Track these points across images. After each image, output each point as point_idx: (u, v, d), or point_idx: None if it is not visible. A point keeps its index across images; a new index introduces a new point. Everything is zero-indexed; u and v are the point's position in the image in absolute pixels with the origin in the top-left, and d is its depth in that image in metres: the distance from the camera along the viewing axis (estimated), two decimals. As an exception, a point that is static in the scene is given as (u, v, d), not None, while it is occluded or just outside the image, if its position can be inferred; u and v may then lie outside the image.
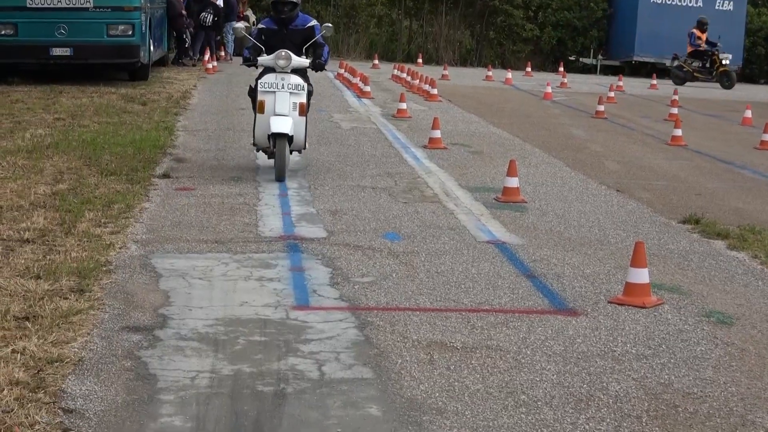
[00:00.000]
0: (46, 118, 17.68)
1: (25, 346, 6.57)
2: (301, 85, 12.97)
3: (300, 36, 13.32)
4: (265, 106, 12.85)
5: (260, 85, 12.95)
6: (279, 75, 12.92)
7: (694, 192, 14.08)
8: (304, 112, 13.01)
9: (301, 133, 13.06)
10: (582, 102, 27.37)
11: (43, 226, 9.85)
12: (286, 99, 12.87)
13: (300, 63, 13.08)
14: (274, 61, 12.92)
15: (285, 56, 12.88)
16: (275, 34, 13.26)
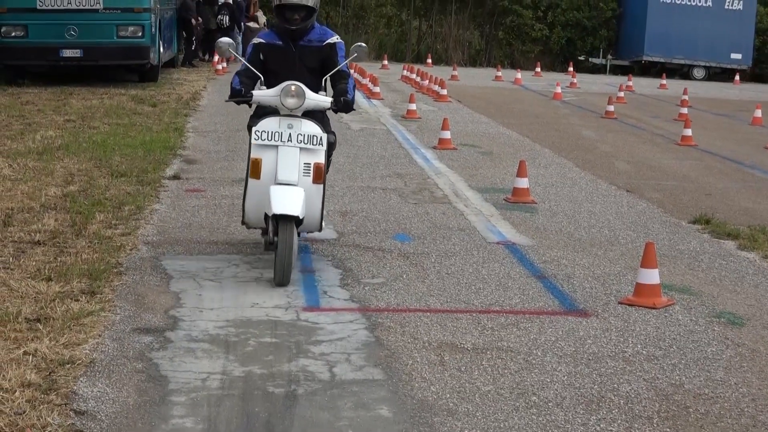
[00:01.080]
0: (56, 119, 17.72)
1: (37, 347, 6.58)
2: (318, 136, 8.52)
3: (316, 57, 9.00)
4: (262, 169, 8.49)
5: (255, 136, 8.51)
6: (285, 120, 8.53)
7: (704, 192, 14.06)
8: (321, 178, 8.60)
9: (317, 210, 8.64)
10: (592, 102, 27.35)
11: (54, 227, 9.87)
12: (295, 158, 8.49)
13: (317, 102, 8.70)
14: (279, 99, 8.54)
15: (295, 91, 8.51)
16: (280, 53, 8.95)
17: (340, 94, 8.88)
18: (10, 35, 22.48)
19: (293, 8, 8.82)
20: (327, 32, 9.19)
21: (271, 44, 9.02)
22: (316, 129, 8.59)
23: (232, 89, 8.82)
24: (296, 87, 8.53)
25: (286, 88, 8.54)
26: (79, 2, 22.49)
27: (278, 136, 8.50)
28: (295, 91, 8.54)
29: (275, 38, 9.04)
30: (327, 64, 9.02)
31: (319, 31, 9.12)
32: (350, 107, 8.92)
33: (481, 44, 45.51)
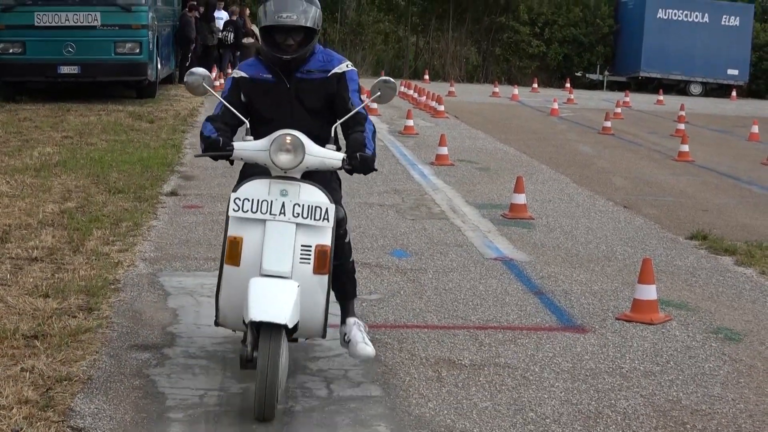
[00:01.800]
0: (54, 136, 17.73)
1: (34, 364, 6.57)
2: (323, 207, 6.18)
3: (319, 94, 6.65)
4: (243, 252, 6.18)
5: (235, 205, 6.19)
6: (277, 184, 6.22)
7: (701, 208, 14.08)
8: (325, 267, 6.21)
9: (318, 312, 6.24)
10: (589, 118, 27.39)
11: (52, 244, 9.87)
12: (289, 238, 6.16)
13: (322, 160, 6.33)
14: (268, 154, 6.21)
15: (291, 144, 6.18)
16: (269, 91, 6.63)
17: (354, 147, 6.40)
18: (8, 52, 22.52)
19: (286, 30, 6.37)
20: (332, 57, 6.72)
21: (256, 79, 6.58)
22: (321, 197, 6.16)
23: (204, 139, 6.35)
24: (292, 138, 6.11)
25: (278, 139, 6.12)
26: (77, 19, 22.54)
27: (267, 207, 6.09)
28: (291, 143, 6.11)
29: (262, 70, 6.61)
30: (335, 102, 6.62)
31: (321, 56, 6.64)
32: (370, 166, 6.34)
33: (478, 60, 45.59)
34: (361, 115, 6.57)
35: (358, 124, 6.56)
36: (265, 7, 6.46)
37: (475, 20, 44.63)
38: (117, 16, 22.86)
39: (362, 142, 6.45)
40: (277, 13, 6.37)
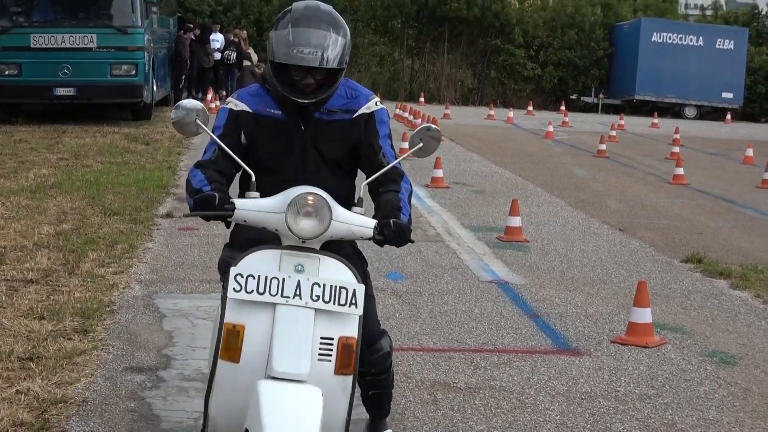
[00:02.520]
0: (49, 157, 17.74)
1: (29, 386, 6.56)
2: (349, 288, 4.73)
3: (342, 139, 5.25)
4: (245, 346, 4.71)
5: (236, 284, 4.70)
6: (290, 257, 4.79)
7: (696, 231, 14.09)
8: (350, 367, 4.76)
9: (338, 424, 4.83)
10: (583, 141, 27.43)
11: (47, 266, 9.86)
12: (307, 329, 4.69)
13: (350, 228, 4.87)
14: (284, 218, 4.73)
15: (314, 206, 4.72)
16: (278, 132, 5.21)
17: (387, 211, 5.01)
18: (4, 73, 22.58)
19: (306, 69, 4.95)
20: (358, 92, 5.27)
21: (261, 115, 5.16)
22: (347, 274, 4.78)
23: (193, 193, 4.91)
24: (315, 198, 4.67)
25: (298, 200, 4.66)
26: (73, 41, 22.61)
27: (277, 286, 4.66)
28: (314, 205, 4.68)
29: (269, 104, 5.16)
30: (361, 151, 5.23)
31: (344, 91, 5.22)
32: (406, 236, 4.96)
33: (473, 83, 45.67)
34: (395, 171, 5.16)
35: (391, 182, 5.16)
36: (278, 36, 4.92)
37: (470, 43, 44.73)
38: (113, 39, 22.93)
39: (396, 205, 5.06)
40: (296, 47, 4.85)
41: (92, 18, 23.48)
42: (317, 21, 4.91)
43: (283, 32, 4.91)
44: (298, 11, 4.98)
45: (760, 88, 45.19)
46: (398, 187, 5.16)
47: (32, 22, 23.15)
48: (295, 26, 4.88)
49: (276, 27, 4.98)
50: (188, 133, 5.08)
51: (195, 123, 5.03)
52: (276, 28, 4.98)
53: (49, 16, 23.49)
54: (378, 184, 5.13)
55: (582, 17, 44.91)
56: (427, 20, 44.21)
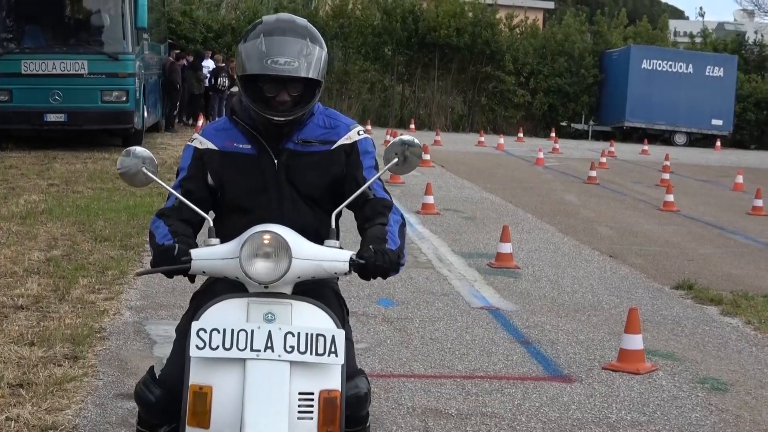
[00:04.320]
0: (40, 183, 17.72)
1: (19, 413, 6.54)
2: (326, 335, 4.23)
3: (319, 173, 4.74)
4: (213, 409, 4.20)
5: (198, 340, 4.21)
6: (258, 304, 4.30)
7: (686, 257, 14.11)
8: (334, 424, 4.24)
9: None
10: (574, 167, 27.48)
11: (37, 292, 9.84)
12: (281, 384, 4.17)
13: (319, 263, 4.36)
14: (240, 263, 4.26)
15: (271, 244, 4.24)
16: (248, 167, 4.71)
17: (373, 240, 4.51)
18: (-5, 100, 22.56)
19: (281, 81, 4.48)
20: (338, 121, 4.80)
21: (228, 152, 4.69)
22: (324, 320, 4.31)
23: (155, 246, 4.52)
24: (272, 237, 4.21)
25: (251, 240, 4.21)
26: (64, 67, 22.61)
27: (246, 340, 4.18)
28: (270, 244, 4.21)
29: (236, 137, 4.71)
30: (344, 186, 4.72)
31: (322, 119, 4.75)
32: (390, 262, 4.39)
33: (463, 110, 45.77)
34: (382, 203, 4.67)
35: (378, 216, 4.63)
36: (249, 47, 4.48)
37: (460, 70, 44.85)
38: (104, 65, 22.93)
39: (382, 236, 4.50)
40: (269, 57, 4.39)
41: (83, 44, 23.49)
42: (292, 31, 4.49)
43: (255, 42, 4.45)
44: (270, 22, 4.58)
45: (750, 115, 45.35)
46: (385, 219, 4.61)
47: (23, 48, 23.15)
48: (269, 35, 4.44)
49: (245, 39, 4.52)
50: (138, 183, 4.63)
51: (143, 173, 4.59)
52: (245, 40, 4.52)
53: (40, 42, 23.51)
54: (364, 220, 4.67)
55: (572, 44, 45.09)
56: (418, 47, 44.32)
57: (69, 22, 24.73)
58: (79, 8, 24.80)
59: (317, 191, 4.70)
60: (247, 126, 4.68)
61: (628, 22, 50.05)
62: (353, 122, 4.83)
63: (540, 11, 58.48)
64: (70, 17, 24.84)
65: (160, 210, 4.68)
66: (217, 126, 4.79)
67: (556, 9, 63.67)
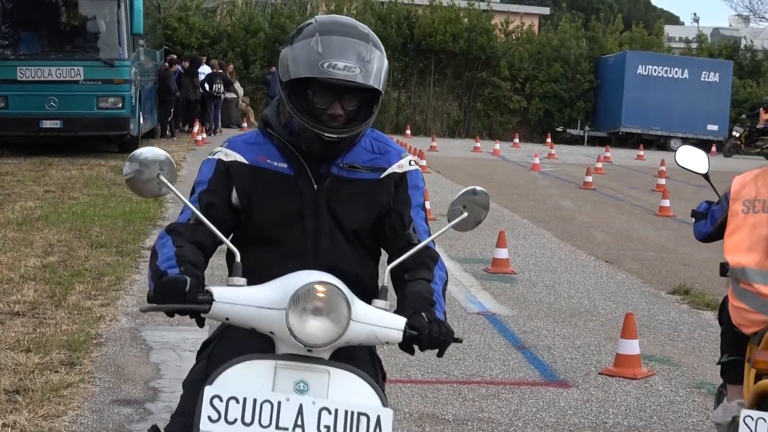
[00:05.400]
0: (35, 190, 17.71)
1: (16, 419, 6.53)
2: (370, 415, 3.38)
3: (366, 206, 4.00)
4: None
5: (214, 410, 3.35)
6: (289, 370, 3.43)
7: (682, 263, 14.12)
8: None
9: None
10: (570, 173, 27.49)
11: (34, 298, 9.83)
12: None
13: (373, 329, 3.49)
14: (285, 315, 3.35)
15: (326, 299, 3.34)
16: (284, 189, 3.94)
17: (417, 304, 3.74)
18: (-10, 106, 22.55)
19: (338, 90, 3.78)
20: (388, 146, 4.13)
21: (261, 168, 3.96)
22: (367, 394, 3.50)
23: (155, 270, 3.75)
24: (329, 291, 3.37)
25: (305, 291, 3.36)
26: (60, 73, 22.61)
27: (271, 414, 3.38)
28: (328, 299, 3.37)
29: (271, 153, 3.98)
30: (386, 222, 4.04)
31: (369, 142, 4.08)
32: (447, 337, 3.65)
33: (459, 115, 45.77)
34: (427, 253, 3.97)
35: (422, 267, 3.93)
36: (299, 49, 3.77)
37: (456, 76, 44.85)
38: (100, 71, 22.93)
39: (428, 297, 3.80)
40: (325, 59, 3.69)
41: (79, 51, 23.48)
42: (354, 31, 3.81)
43: (308, 42, 3.74)
44: (327, 21, 3.87)
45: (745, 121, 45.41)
46: (430, 274, 3.92)
47: (19, 54, 23.14)
48: (326, 34, 3.75)
49: (292, 41, 3.82)
50: (149, 193, 3.71)
51: (157, 180, 3.66)
52: (292, 42, 3.82)
53: (35, 49, 23.50)
54: (404, 269, 3.85)
55: (567, 50, 45.11)
56: (414, 53, 44.33)
57: (65, 28, 24.72)
58: (75, 14, 24.78)
59: (361, 225, 3.97)
60: (285, 141, 3.94)
61: (624, 28, 50.09)
62: (404, 150, 4.15)
63: (535, 17, 58.53)
64: (66, 23, 24.83)
65: (171, 225, 3.88)
66: (246, 138, 4.04)
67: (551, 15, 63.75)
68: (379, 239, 4.06)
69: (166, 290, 3.51)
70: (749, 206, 5.47)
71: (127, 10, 23.39)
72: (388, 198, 4.00)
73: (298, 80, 3.76)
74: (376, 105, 3.89)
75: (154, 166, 3.66)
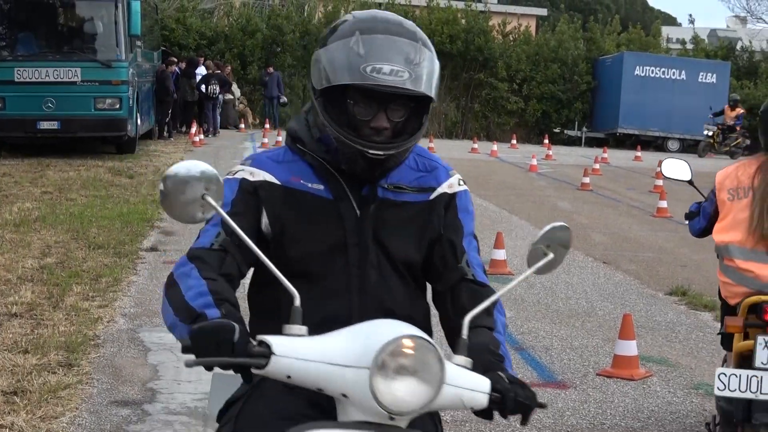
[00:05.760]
0: (33, 191, 17.70)
1: (14, 421, 6.53)
2: None
3: (417, 233, 3.40)
4: None
5: None
6: None
7: (680, 264, 14.13)
8: None
9: None
10: (567, 174, 27.50)
11: (31, 300, 9.83)
12: None
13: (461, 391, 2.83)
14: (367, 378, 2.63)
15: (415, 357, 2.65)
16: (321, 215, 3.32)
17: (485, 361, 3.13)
18: (-12, 107, 22.54)
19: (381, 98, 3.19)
20: (434, 162, 3.53)
21: (293, 190, 3.36)
22: None
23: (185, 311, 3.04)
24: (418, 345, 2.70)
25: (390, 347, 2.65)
26: (57, 74, 22.59)
27: None
28: (418, 355, 2.68)
29: (304, 172, 3.39)
30: (436, 250, 3.46)
31: (415, 160, 3.48)
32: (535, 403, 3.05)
33: (457, 116, 45.76)
34: (486, 293, 3.36)
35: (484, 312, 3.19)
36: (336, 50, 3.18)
37: (453, 77, 44.85)
38: (97, 72, 22.92)
39: (495, 351, 3.22)
40: (368, 62, 3.10)
41: (76, 52, 23.47)
42: (400, 29, 3.22)
43: (347, 42, 3.16)
44: (367, 18, 3.27)
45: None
46: (491, 320, 3.32)
47: (16, 55, 23.13)
48: (368, 33, 3.16)
49: (326, 42, 3.24)
50: (186, 217, 3.03)
51: (201, 202, 2.98)
52: (326, 43, 3.24)
53: (33, 50, 23.48)
54: (459, 313, 3.20)
55: (565, 51, 45.09)
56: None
57: (62, 29, 24.72)
58: (73, 16, 24.78)
59: (412, 256, 3.39)
60: (320, 159, 3.32)
61: (621, 29, 50.09)
62: (450, 166, 3.57)
63: (533, 18, 58.50)
64: (64, 25, 24.83)
65: (194, 251, 3.21)
66: (273, 156, 3.40)
67: (549, 16, 63.75)
68: (427, 272, 3.46)
69: (209, 339, 2.77)
70: (733, 194, 6.11)
71: (125, 12, 23.40)
72: (438, 223, 3.42)
73: (335, 88, 3.17)
74: (426, 114, 3.28)
75: (198, 185, 2.96)
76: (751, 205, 5.98)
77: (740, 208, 6.06)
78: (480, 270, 3.44)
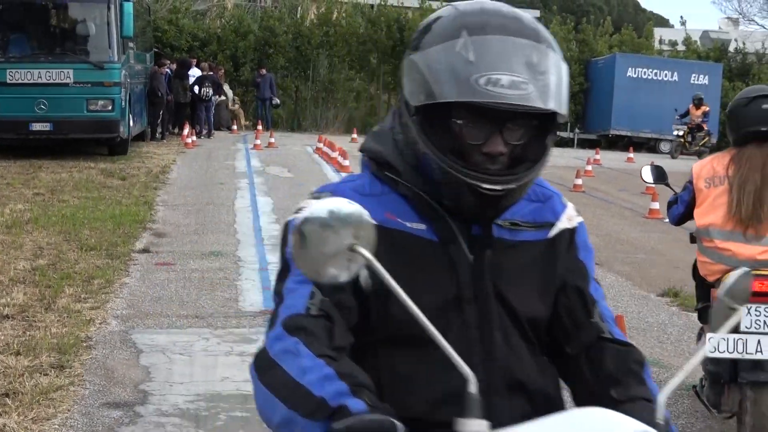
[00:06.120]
0: (25, 193, 17.68)
1: (5, 423, 6.53)
2: None
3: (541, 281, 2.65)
4: None
5: None
6: None
7: (672, 265, 14.14)
8: None
9: None
10: (560, 175, 27.50)
11: (23, 301, 9.82)
12: None
13: None
14: None
15: None
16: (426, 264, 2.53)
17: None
18: (-20, 109, 22.50)
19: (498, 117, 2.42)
20: (546, 189, 2.82)
21: (391, 231, 2.55)
22: None
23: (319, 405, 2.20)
24: None
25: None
26: (50, 76, 22.57)
27: None
28: None
29: (400, 209, 2.60)
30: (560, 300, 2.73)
31: (535, 195, 2.77)
32: None
33: (449, 118, 45.81)
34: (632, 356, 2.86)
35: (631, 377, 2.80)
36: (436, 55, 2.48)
37: (446, 78, 44.91)
38: (89, 74, 22.90)
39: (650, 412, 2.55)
40: (482, 72, 2.38)
41: (69, 53, 23.44)
42: (518, 25, 2.48)
43: (452, 45, 2.44)
44: (475, 11, 2.53)
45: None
46: (646, 389, 2.76)
47: (8, 57, 23.10)
48: (478, 34, 2.44)
49: (419, 45, 2.58)
50: (327, 276, 2.25)
51: (348, 255, 2.23)
52: (419, 46, 2.58)
53: (25, 51, 23.45)
54: (605, 382, 2.67)
55: (557, 53, 45.15)
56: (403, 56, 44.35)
57: (54, 31, 24.69)
58: (65, 17, 24.75)
59: (539, 312, 2.68)
60: (419, 192, 2.60)
61: (613, 31, 50.16)
62: (559, 192, 2.89)
63: (525, 20, 58.50)
64: (56, 26, 24.80)
65: (292, 320, 2.41)
66: (357, 186, 2.65)
67: (541, 17, 63.82)
68: (552, 331, 2.73)
69: None
70: (710, 182, 6.81)
71: (117, 13, 23.37)
72: (561, 267, 2.74)
73: (436, 104, 2.44)
74: (552, 135, 2.56)
75: (346, 232, 2.21)
76: (729, 193, 6.62)
77: (717, 194, 6.72)
78: (615, 325, 2.79)
